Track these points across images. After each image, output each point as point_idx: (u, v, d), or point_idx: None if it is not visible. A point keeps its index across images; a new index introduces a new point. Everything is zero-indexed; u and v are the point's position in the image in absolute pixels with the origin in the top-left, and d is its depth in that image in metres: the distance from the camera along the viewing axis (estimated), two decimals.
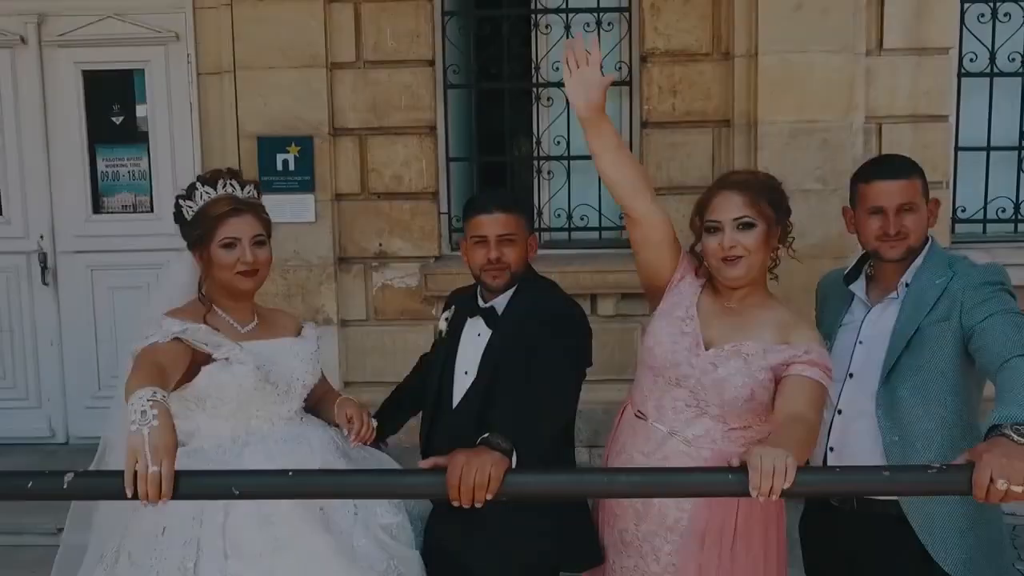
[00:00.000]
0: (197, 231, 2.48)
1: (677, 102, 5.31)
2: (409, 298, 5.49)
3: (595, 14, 5.40)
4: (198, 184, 2.51)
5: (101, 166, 5.53)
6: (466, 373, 2.59)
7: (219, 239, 2.46)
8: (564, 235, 5.62)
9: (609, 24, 5.44)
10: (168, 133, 5.44)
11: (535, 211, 5.61)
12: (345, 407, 2.58)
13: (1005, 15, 5.35)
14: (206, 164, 5.31)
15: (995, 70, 5.36)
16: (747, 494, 1.73)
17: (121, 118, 5.51)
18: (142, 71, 5.45)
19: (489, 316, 2.58)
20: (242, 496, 1.62)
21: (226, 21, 5.26)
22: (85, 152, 5.50)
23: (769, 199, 2.39)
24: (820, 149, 5.09)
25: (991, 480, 1.68)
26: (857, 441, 2.46)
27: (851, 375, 2.51)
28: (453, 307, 2.70)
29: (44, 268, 5.51)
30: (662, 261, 2.46)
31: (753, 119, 5.13)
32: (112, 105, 5.52)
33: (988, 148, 5.43)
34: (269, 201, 5.10)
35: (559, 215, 5.61)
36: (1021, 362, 2.01)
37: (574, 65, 2.30)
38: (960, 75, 5.37)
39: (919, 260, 2.53)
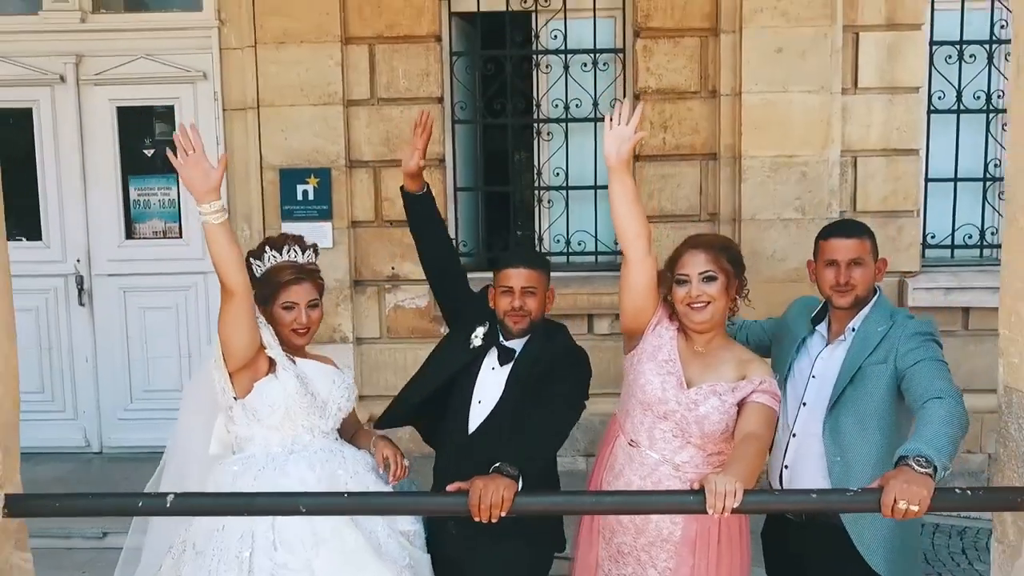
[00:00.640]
0: (264, 291, 2.91)
1: (667, 136, 5.73)
2: (419, 318, 5.91)
3: (592, 55, 5.83)
4: (267, 247, 2.96)
5: (133, 195, 5.96)
6: (480, 402, 2.99)
7: (280, 301, 2.90)
8: (563, 259, 6.03)
9: (605, 64, 5.86)
10: None
11: (536, 237, 6.05)
12: (382, 449, 2.98)
13: (971, 56, 5.79)
14: (231, 194, 5.73)
15: (962, 107, 5.79)
16: (705, 512, 2.16)
17: (152, 151, 5.95)
18: (172, 107, 5.87)
19: (507, 356, 2.99)
20: (307, 513, 2.03)
21: (250, 61, 5.68)
22: (119, 182, 5.92)
23: (728, 257, 2.81)
24: (799, 181, 5.51)
25: (895, 501, 2.11)
26: (807, 460, 2.89)
27: (804, 403, 2.94)
28: (488, 325, 3.06)
29: (80, 290, 5.94)
30: (646, 303, 2.86)
31: (737, 153, 5.55)
32: (144, 138, 5.96)
33: (956, 179, 5.86)
34: (289, 229, 5.55)
35: (558, 240, 6.04)
36: (933, 404, 2.43)
37: (614, 121, 2.69)
38: (929, 112, 5.81)
39: (866, 309, 2.95)
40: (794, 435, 2.94)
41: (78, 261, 5.93)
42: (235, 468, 2.83)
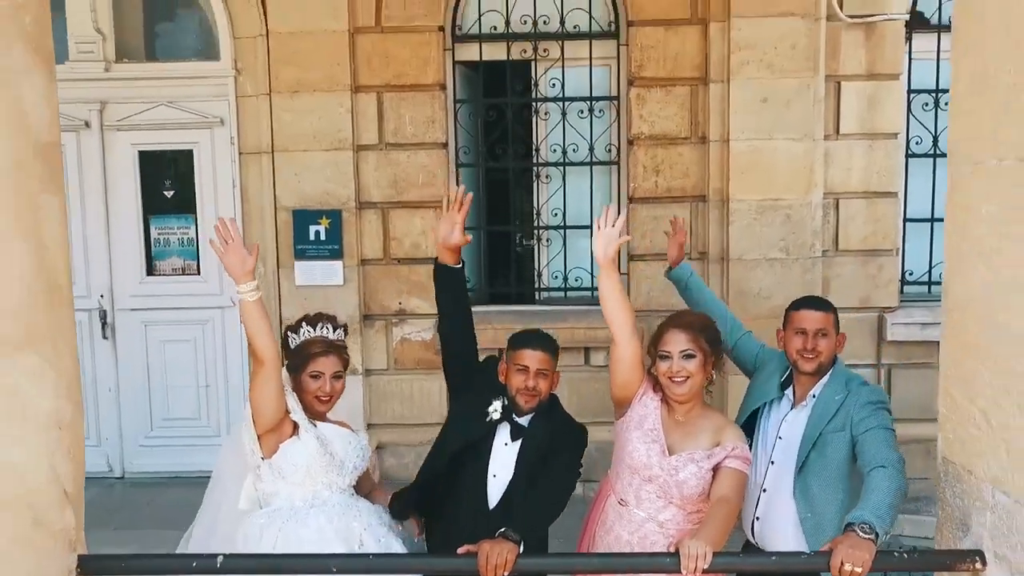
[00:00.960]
0: (295, 360, 3.25)
1: (659, 180, 6.06)
2: (424, 350, 6.24)
3: (588, 102, 6.16)
4: (303, 324, 3.30)
5: (154, 234, 6.30)
6: (495, 476, 3.28)
7: (309, 370, 3.24)
8: (561, 294, 6.37)
9: (600, 111, 6.18)
10: (214, 205, 6.19)
11: (536, 273, 6.39)
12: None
13: (946, 104, 6.08)
14: (246, 234, 6.04)
15: (938, 151, 6.12)
16: (680, 572, 2.50)
17: (172, 192, 6.28)
18: (191, 151, 6.20)
19: (518, 432, 3.29)
20: (337, 572, 2.36)
21: (265, 108, 6.00)
22: (140, 221, 6.26)
23: (706, 337, 3.13)
24: (784, 224, 5.84)
25: (842, 563, 2.45)
26: (778, 514, 3.23)
27: (772, 462, 3.28)
28: (504, 401, 3.32)
29: (104, 324, 6.27)
30: (632, 377, 3.18)
31: (726, 196, 5.88)
32: (164, 180, 6.29)
33: (932, 219, 6.19)
34: (302, 267, 5.89)
35: (556, 277, 6.37)
36: (878, 473, 2.78)
37: (602, 224, 3.02)
38: (907, 156, 6.15)
39: (825, 378, 3.29)
40: (764, 490, 3.28)
41: (101, 297, 6.26)
42: (262, 521, 3.16)
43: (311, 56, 5.89)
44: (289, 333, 3.33)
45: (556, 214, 6.30)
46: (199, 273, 6.28)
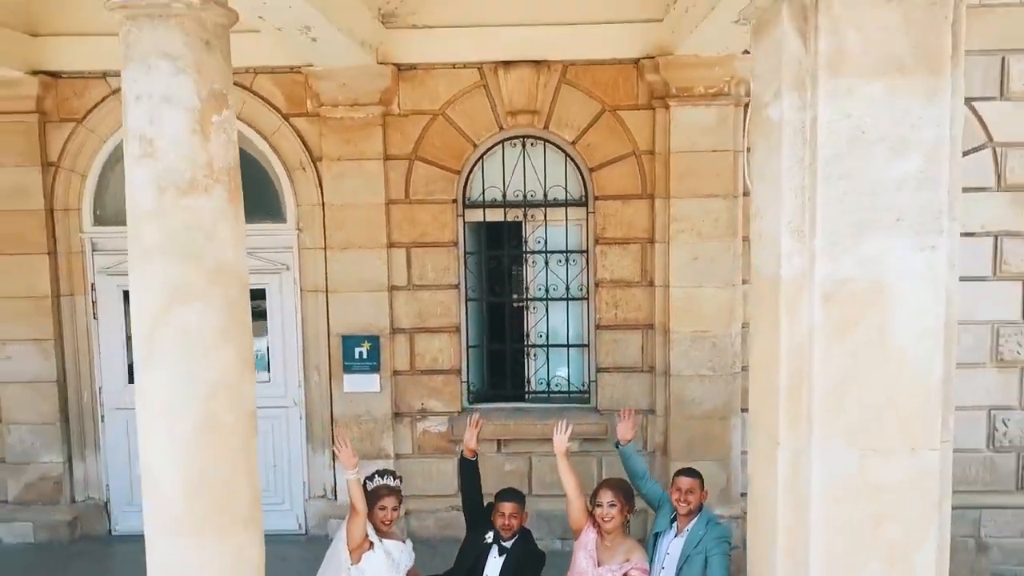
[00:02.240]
0: (371, 499, 5.19)
1: (618, 312, 8.03)
2: (440, 439, 8.18)
3: (565, 254, 8.16)
4: (376, 475, 5.27)
5: None
6: (480, 566, 5.26)
7: (378, 505, 5.19)
8: (544, 395, 8.34)
9: (574, 260, 8.18)
10: (281, 330, 8.16)
11: (525, 379, 8.35)
12: None
13: None
14: (305, 353, 8.03)
15: None
16: None
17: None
18: (264, 290, 8.17)
19: (502, 551, 5.28)
20: None
21: (321, 259, 7.98)
22: None
23: (624, 494, 5.12)
24: (711, 349, 7.79)
25: None
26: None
27: (663, 567, 5.15)
28: (493, 532, 5.35)
29: None
30: (580, 517, 5.18)
31: (668, 328, 7.84)
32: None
33: None
34: (349, 379, 7.84)
35: (541, 382, 8.33)
36: None
37: (559, 430, 5.12)
38: None
39: (695, 519, 5.20)
40: None
41: None
42: None
43: (356, 221, 7.88)
44: (367, 481, 5.28)
45: (541, 336, 8.27)
46: (269, 380, 8.23)
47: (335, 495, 8.18)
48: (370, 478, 5.34)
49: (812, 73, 3.71)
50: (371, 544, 5.14)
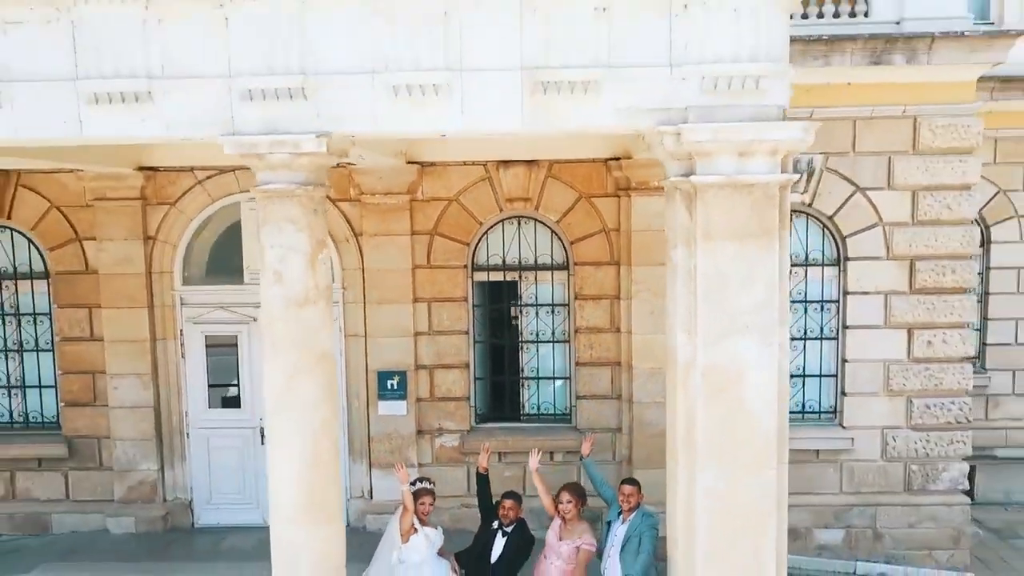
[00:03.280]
0: (416, 495, 7.42)
1: (593, 353, 10.28)
2: (454, 452, 10.42)
3: (551, 307, 10.40)
4: (418, 481, 7.54)
5: None
6: (494, 551, 7.45)
7: (419, 501, 7.43)
8: (536, 417, 10.58)
9: (558, 312, 10.43)
10: None
11: (520, 403, 10.60)
12: (453, 562, 7.63)
13: None
14: (348, 385, 10.25)
15: None
16: None
17: None
18: None
19: (504, 535, 7.48)
20: None
21: (361, 311, 10.20)
22: None
23: (578, 495, 7.41)
24: (664, 382, 10.02)
25: None
26: (614, 568, 7.33)
27: (612, 546, 7.39)
28: (499, 521, 7.56)
29: (263, 436, 10.43)
30: (550, 509, 7.46)
31: (631, 365, 10.07)
32: None
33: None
34: (383, 405, 10.33)
35: (533, 407, 10.58)
36: (643, 553, 7.03)
37: (533, 460, 7.51)
38: None
39: (634, 513, 7.40)
40: (610, 557, 7.44)
41: (261, 419, 10.44)
42: (401, 568, 7.34)
43: (389, 282, 10.11)
44: (411, 484, 7.52)
45: (532, 370, 10.54)
46: None
47: (371, 496, 10.42)
48: (413, 483, 7.57)
49: (693, 235, 5.96)
50: (415, 530, 7.38)
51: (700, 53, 5.73)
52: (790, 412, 9.78)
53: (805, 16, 9.72)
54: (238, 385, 10.53)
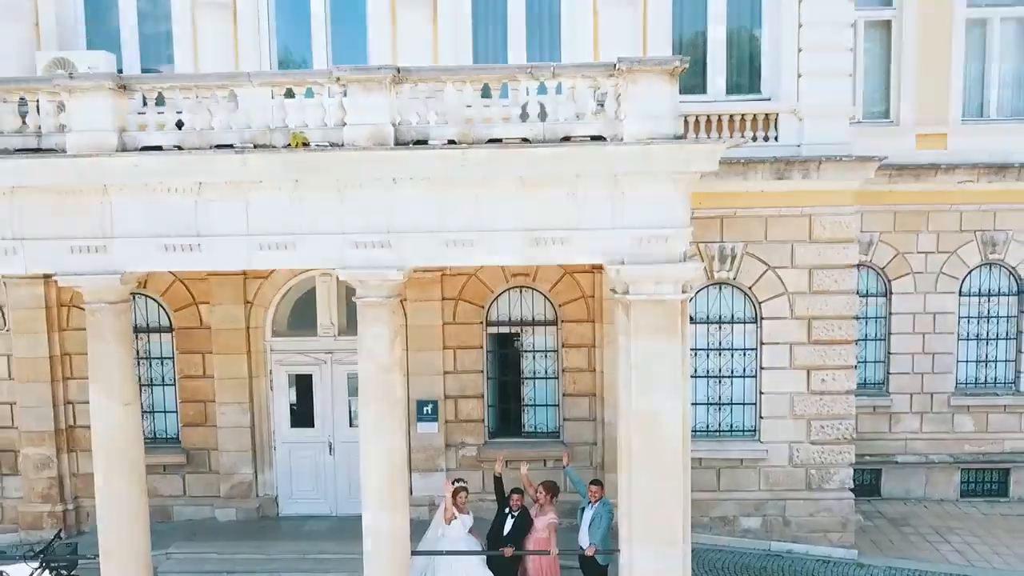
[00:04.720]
0: (454, 492, 11.06)
1: (576, 387, 13.87)
2: (472, 460, 13.97)
3: (544, 352, 14.01)
4: (456, 481, 11.25)
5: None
6: (504, 528, 11.10)
7: (458, 496, 11.06)
8: (533, 434, 14.19)
9: (550, 356, 14.02)
10: None
11: (522, 423, 14.21)
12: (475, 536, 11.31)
13: None
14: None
15: None
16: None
17: None
18: None
19: (513, 517, 11.11)
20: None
21: (404, 357, 13.80)
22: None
23: (549, 488, 11.17)
24: None
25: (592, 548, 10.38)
26: (583, 540, 11.03)
27: (581, 524, 11.05)
28: (509, 507, 11.22)
29: (331, 448, 14.03)
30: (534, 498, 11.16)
31: (603, 396, 13.66)
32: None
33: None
34: (421, 425, 14.48)
35: (531, 425, 14.19)
36: (598, 529, 10.72)
37: (521, 466, 11.14)
38: None
39: (598, 503, 11.08)
40: (581, 531, 11.08)
41: (329, 436, 14.02)
42: (444, 543, 10.94)
43: (425, 334, 13.71)
44: (454, 481, 11.13)
45: (531, 399, 14.15)
46: None
47: (411, 492, 13.94)
48: (452, 483, 11.15)
49: (629, 330, 9.57)
50: (455, 515, 10.97)
51: (632, 221, 9.35)
52: (721, 431, 13.72)
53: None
54: (312, 410, 14.12)
